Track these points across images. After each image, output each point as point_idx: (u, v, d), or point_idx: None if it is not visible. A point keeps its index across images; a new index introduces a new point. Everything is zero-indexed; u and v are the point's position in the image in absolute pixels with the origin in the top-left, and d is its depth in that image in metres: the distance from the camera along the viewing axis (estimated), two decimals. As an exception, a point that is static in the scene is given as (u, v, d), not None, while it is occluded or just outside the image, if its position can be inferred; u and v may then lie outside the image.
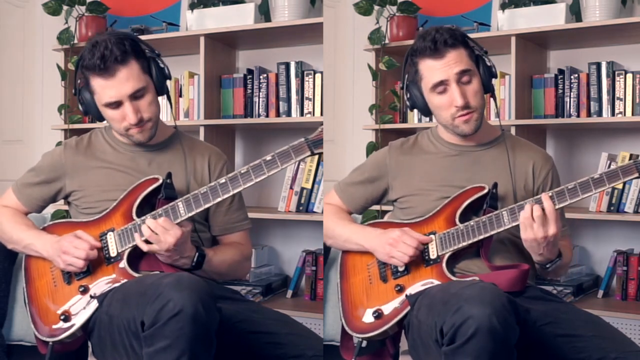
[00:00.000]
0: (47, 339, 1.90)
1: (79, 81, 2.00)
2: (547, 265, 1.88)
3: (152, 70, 1.97)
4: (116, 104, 1.93)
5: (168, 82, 2.03)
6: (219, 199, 1.87)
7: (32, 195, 2.08)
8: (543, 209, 1.79)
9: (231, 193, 1.86)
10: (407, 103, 2.02)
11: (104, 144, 2.07)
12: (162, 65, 1.99)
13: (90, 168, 2.04)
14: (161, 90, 2.00)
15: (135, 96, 1.93)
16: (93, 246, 1.90)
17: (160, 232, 1.83)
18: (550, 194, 1.81)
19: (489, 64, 1.96)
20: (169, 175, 1.94)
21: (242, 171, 1.86)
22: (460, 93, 1.90)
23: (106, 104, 1.93)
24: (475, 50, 1.95)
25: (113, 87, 1.91)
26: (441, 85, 1.91)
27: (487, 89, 1.96)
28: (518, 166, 2.00)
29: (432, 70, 1.92)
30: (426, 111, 2.00)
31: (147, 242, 1.87)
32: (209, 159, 2.10)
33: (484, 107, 1.97)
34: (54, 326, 1.90)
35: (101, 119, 2.01)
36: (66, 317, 1.89)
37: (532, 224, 1.79)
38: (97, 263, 1.92)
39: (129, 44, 1.92)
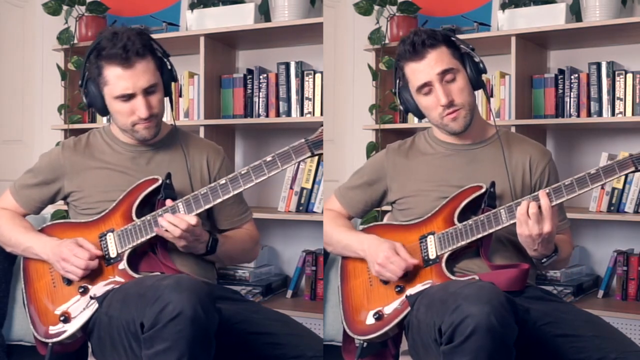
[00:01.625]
0: (47, 340, 1.90)
1: (87, 73, 1.98)
2: (543, 261, 1.89)
3: (163, 70, 1.98)
4: (128, 97, 1.92)
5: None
6: (219, 200, 1.87)
7: (30, 197, 2.07)
8: (539, 206, 1.79)
9: (231, 194, 1.87)
10: (401, 108, 2.03)
11: (102, 144, 2.07)
12: (170, 67, 2.00)
13: (89, 168, 2.03)
14: (167, 91, 2.00)
15: (148, 91, 1.93)
16: (93, 255, 1.89)
17: (189, 230, 1.85)
18: (547, 191, 1.81)
19: (476, 59, 1.95)
20: (169, 176, 1.94)
21: (242, 172, 1.86)
22: (444, 92, 1.90)
23: (119, 96, 1.92)
24: (461, 48, 1.95)
25: (130, 79, 1.90)
26: (426, 87, 1.92)
27: (477, 85, 1.95)
28: (515, 162, 2.00)
29: (414, 72, 1.92)
30: (420, 114, 2.00)
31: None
32: (208, 156, 2.10)
33: (473, 103, 1.96)
34: (54, 327, 1.90)
35: (104, 112, 2.00)
36: (66, 317, 1.89)
37: (528, 220, 1.79)
38: (97, 263, 1.92)
39: (147, 39, 1.94)
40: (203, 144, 2.16)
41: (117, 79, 1.91)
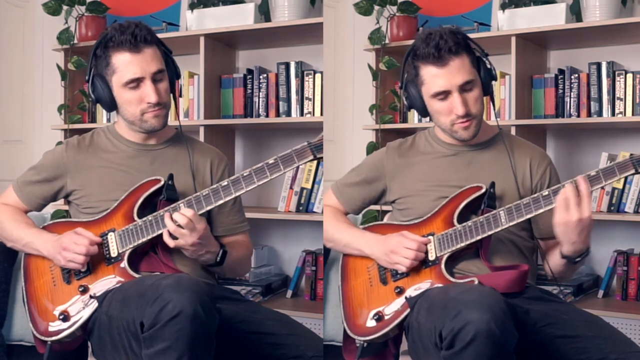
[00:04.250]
0: (46, 338, 1.90)
1: (93, 68, 1.98)
2: (576, 260, 1.85)
3: (168, 63, 2.02)
4: (137, 83, 1.93)
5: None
6: (221, 202, 1.87)
7: (32, 194, 2.08)
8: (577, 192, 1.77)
9: (233, 196, 1.87)
10: (405, 102, 2.01)
11: (106, 142, 2.07)
12: (173, 63, 2.04)
13: (92, 167, 2.03)
14: (172, 85, 2.02)
15: (155, 78, 1.95)
16: (93, 242, 1.89)
17: (190, 228, 1.83)
18: (587, 175, 1.79)
19: (489, 66, 1.94)
20: (171, 177, 1.94)
21: (245, 174, 1.86)
22: (462, 102, 1.88)
23: (128, 82, 1.93)
24: (475, 52, 1.94)
25: (139, 64, 1.93)
26: (443, 94, 1.90)
27: (487, 92, 1.96)
28: (515, 164, 1.99)
29: (434, 77, 1.89)
30: (424, 112, 1.99)
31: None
32: (211, 161, 2.10)
33: (483, 112, 1.97)
34: (53, 325, 1.90)
35: (112, 106, 2.00)
36: (65, 316, 1.89)
37: (567, 206, 1.76)
38: (97, 263, 1.92)
39: (153, 31, 2.00)
40: (207, 149, 2.16)
41: (126, 65, 1.93)
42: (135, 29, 1.94)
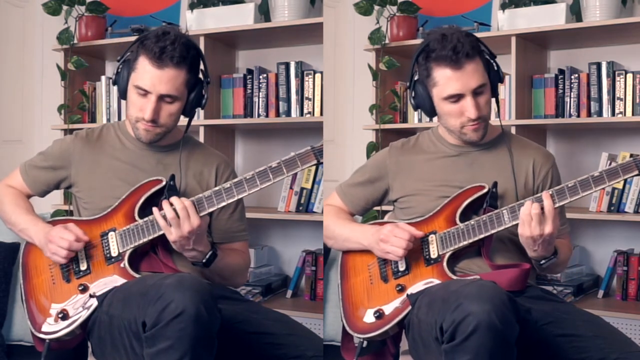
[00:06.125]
0: (44, 337, 1.89)
1: (128, 53, 1.96)
2: (542, 262, 1.88)
3: (195, 89, 1.97)
4: (145, 92, 1.91)
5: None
6: (223, 204, 1.87)
7: (37, 178, 2.08)
8: (542, 207, 1.79)
9: (235, 198, 1.86)
10: (412, 102, 2.00)
11: (114, 138, 2.07)
12: (204, 93, 1.99)
13: (97, 162, 2.03)
14: (189, 110, 1.99)
15: (164, 100, 1.92)
16: (79, 238, 1.89)
17: (183, 216, 1.83)
18: (550, 192, 1.81)
19: (496, 69, 1.95)
20: (173, 178, 1.94)
21: (247, 177, 1.86)
22: (475, 105, 1.88)
23: (137, 86, 1.91)
24: (484, 54, 1.94)
25: (151, 79, 1.89)
26: (456, 97, 1.89)
27: (493, 94, 1.96)
28: (518, 165, 1.99)
29: (449, 80, 1.88)
30: (432, 113, 1.97)
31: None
32: (217, 166, 2.09)
33: (491, 113, 1.97)
34: (51, 323, 1.90)
35: (123, 95, 1.98)
36: (64, 315, 1.88)
37: (530, 221, 1.79)
38: (97, 262, 1.92)
39: (194, 53, 1.93)
40: (214, 154, 2.14)
41: (143, 72, 1.90)
42: (168, 45, 1.87)
